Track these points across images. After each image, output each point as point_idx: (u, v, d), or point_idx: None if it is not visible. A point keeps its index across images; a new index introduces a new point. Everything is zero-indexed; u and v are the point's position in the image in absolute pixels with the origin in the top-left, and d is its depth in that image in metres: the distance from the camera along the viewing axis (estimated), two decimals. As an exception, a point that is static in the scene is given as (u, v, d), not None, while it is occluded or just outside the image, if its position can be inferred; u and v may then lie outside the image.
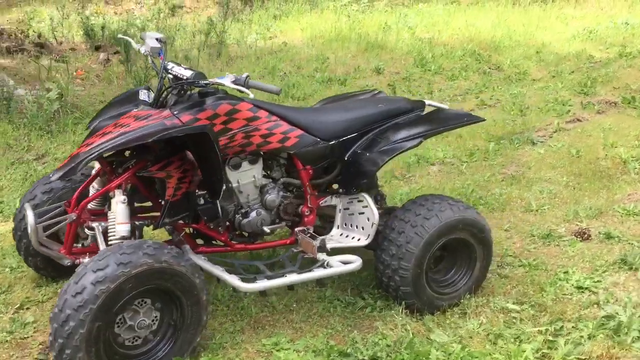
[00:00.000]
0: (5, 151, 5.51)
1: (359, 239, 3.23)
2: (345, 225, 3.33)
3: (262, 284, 2.84)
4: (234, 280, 2.82)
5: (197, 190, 3.01)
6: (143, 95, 3.07)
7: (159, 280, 2.51)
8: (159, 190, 2.96)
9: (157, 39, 3.04)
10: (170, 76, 2.94)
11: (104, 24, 8.96)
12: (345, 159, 3.28)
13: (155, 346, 2.64)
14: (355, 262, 3.06)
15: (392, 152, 3.17)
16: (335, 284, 3.45)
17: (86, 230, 2.94)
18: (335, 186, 3.43)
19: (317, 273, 2.98)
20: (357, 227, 3.27)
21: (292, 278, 2.92)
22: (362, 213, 3.25)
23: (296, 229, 3.27)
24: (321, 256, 3.10)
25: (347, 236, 3.29)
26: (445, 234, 3.12)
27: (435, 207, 3.13)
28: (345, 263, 3.06)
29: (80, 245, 3.06)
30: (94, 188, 3.10)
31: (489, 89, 7.20)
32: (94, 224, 2.87)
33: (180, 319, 2.65)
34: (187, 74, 2.88)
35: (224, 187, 3.05)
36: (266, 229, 3.17)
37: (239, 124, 2.95)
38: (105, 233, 2.84)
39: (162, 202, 2.90)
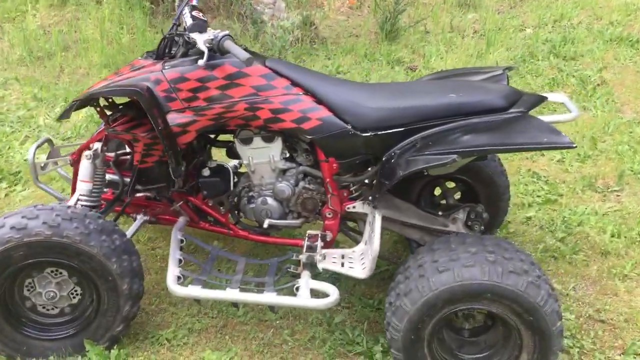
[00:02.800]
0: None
1: (364, 267, 2.44)
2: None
3: (190, 290, 2.36)
4: (169, 276, 2.41)
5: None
6: None
7: (61, 255, 2.25)
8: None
9: None
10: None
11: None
12: (383, 159, 2.44)
13: (68, 321, 2.44)
14: (330, 297, 2.31)
15: (414, 166, 2.23)
16: (358, 311, 2.72)
17: None
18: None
19: (262, 297, 2.34)
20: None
21: (231, 294, 2.35)
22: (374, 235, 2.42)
23: (308, 232, 2.63)
24: (304, 275, 2.44)
25: (362, 259, 2.52)
26: (460, 300, 2.12)
27: (462, 257, 2.14)
28: (316, 294, 2.34)
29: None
30: None
31: None
32: None
33: (97, 302, 2.39)
34: (189, 22, 2.45)
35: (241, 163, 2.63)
36: (267, 221, 2.62)
37: (243, 91, 2.41)
38: None
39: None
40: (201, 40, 2.32)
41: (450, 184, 3.10)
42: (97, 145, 2.61)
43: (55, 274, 2.37)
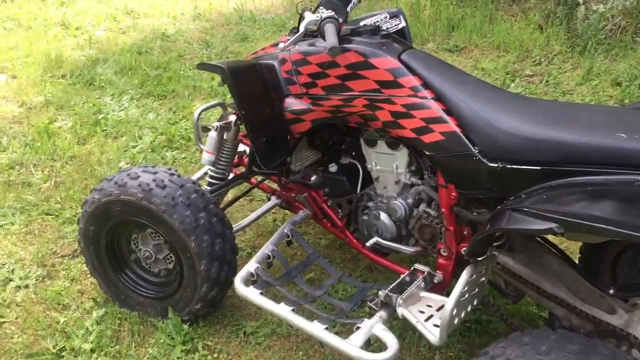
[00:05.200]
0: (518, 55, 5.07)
1: (441, 334, 1.87)
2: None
3: (248, 292, 2.12)
4: (242, 270, 2.22)
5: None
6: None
7: (150, 220, 2.24)
8: None
9: None
10: None
11: None
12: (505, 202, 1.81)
13: (161, 284, 2.46)
14: (382, 353, 1.84)
15: (507, 224, 1.58)
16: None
17: None
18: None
19: (309, 326, 1.97)
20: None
21: (281, 311, 2.04)
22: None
23: (415, 266, 2.15)
24: (377, 315, 1.99)
25: (448, 317, 1.94)
26: None
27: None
28: (371, 345, 1.89)
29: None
30: None
31: None
32: None
33: (181, 274, 2.34)
34: None
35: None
36: (374, 239, 2.23)
37: (365, 85, 2.06)
38: None
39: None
40: (307, 19, 2.01)
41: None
42: (232, 118, 2.52)
43: (154, 236, 2.40)
